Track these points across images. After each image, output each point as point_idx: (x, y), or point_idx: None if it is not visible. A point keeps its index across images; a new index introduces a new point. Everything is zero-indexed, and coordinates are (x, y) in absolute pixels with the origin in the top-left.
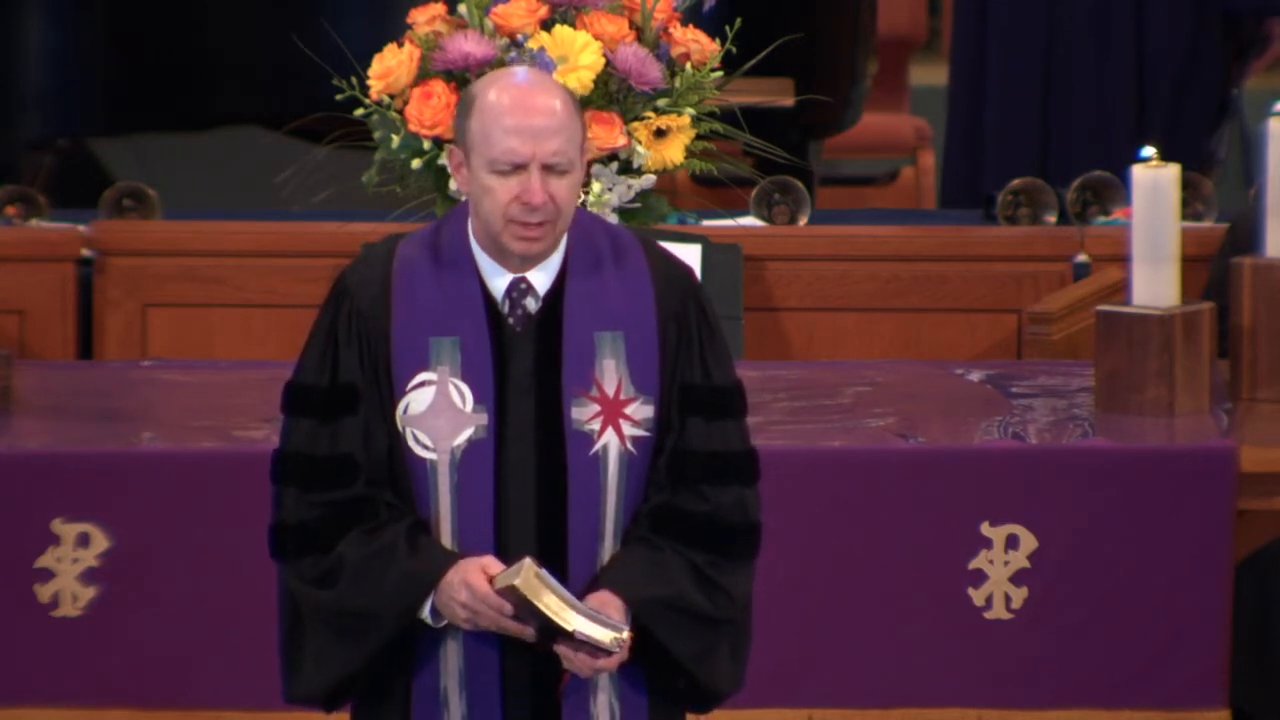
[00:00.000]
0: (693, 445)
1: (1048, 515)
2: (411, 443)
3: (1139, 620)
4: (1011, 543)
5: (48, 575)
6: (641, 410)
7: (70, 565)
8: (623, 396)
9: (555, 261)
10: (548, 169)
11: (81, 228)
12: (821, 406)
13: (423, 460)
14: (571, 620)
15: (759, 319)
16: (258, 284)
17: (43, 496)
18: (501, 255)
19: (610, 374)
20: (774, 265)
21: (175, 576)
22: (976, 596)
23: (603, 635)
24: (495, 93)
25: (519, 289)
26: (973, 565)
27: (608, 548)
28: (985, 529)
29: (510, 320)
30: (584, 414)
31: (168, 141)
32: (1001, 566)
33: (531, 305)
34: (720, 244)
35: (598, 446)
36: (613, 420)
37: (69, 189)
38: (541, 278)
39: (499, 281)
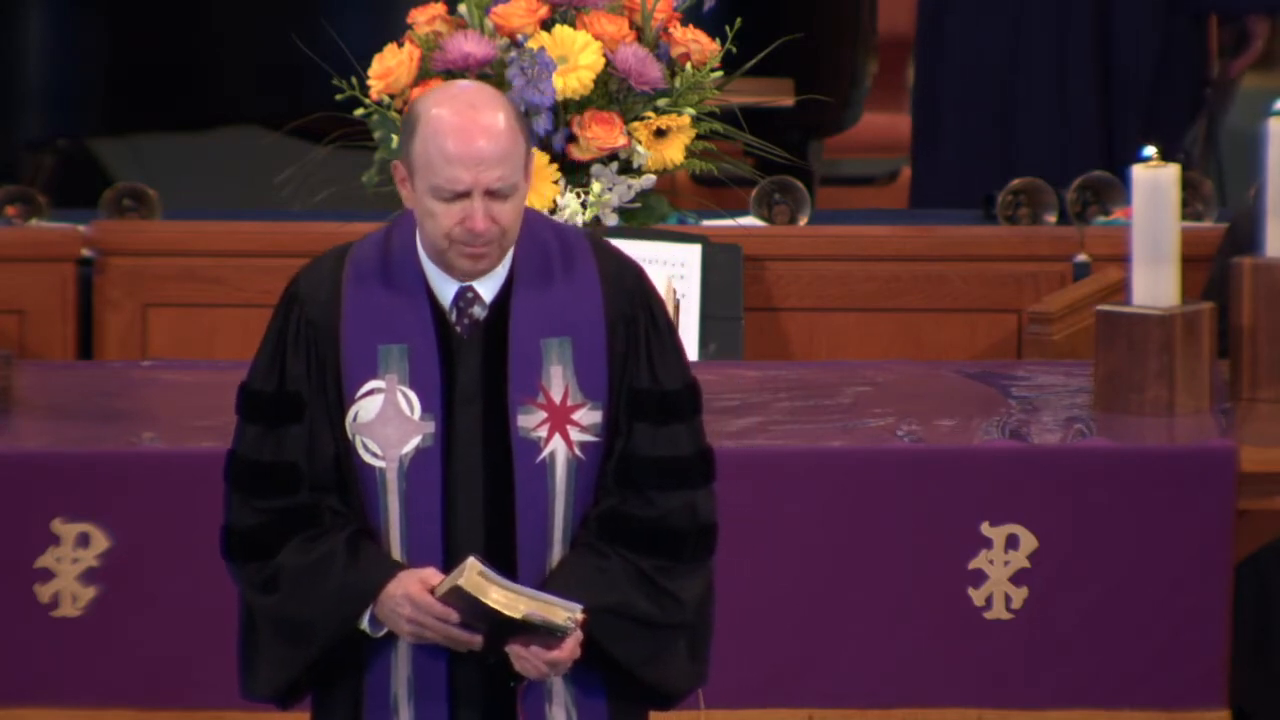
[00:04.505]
0: (640, 451)
1: (1048, 515)
2: (361, 450)
3: (1139, 620)
4: (1011, 543)
5: (48, 575)
6: (589, 416)
7: (70, 565)
8: (570, 403)
9: (502, 269)
10: (491, 194)
11: (81, 228)
12: (821, 406)
13: (372, 468)
14: (521, 607)
15: (759, 319)
16: (258, 284)
17: (43, 496)
18: (448, 266)
19: (557, 381)
20: (774, 265)
21: (175, 576)
22: (976, 596)
23: (554, 615)
24: (437, 115)
25: (465, 298)
26: (973, 565)
27: (556, 553)
28: (985, 529)
29: (458, 329)
30: (530, 421)
31: (168, 141)
32: (1001, 566)
33: (479, 313)
34: (720, 244)
35: (545, 454)
36: (560, 427)
37: (69, 189)
38: (488, 285)
39: (446, 289)
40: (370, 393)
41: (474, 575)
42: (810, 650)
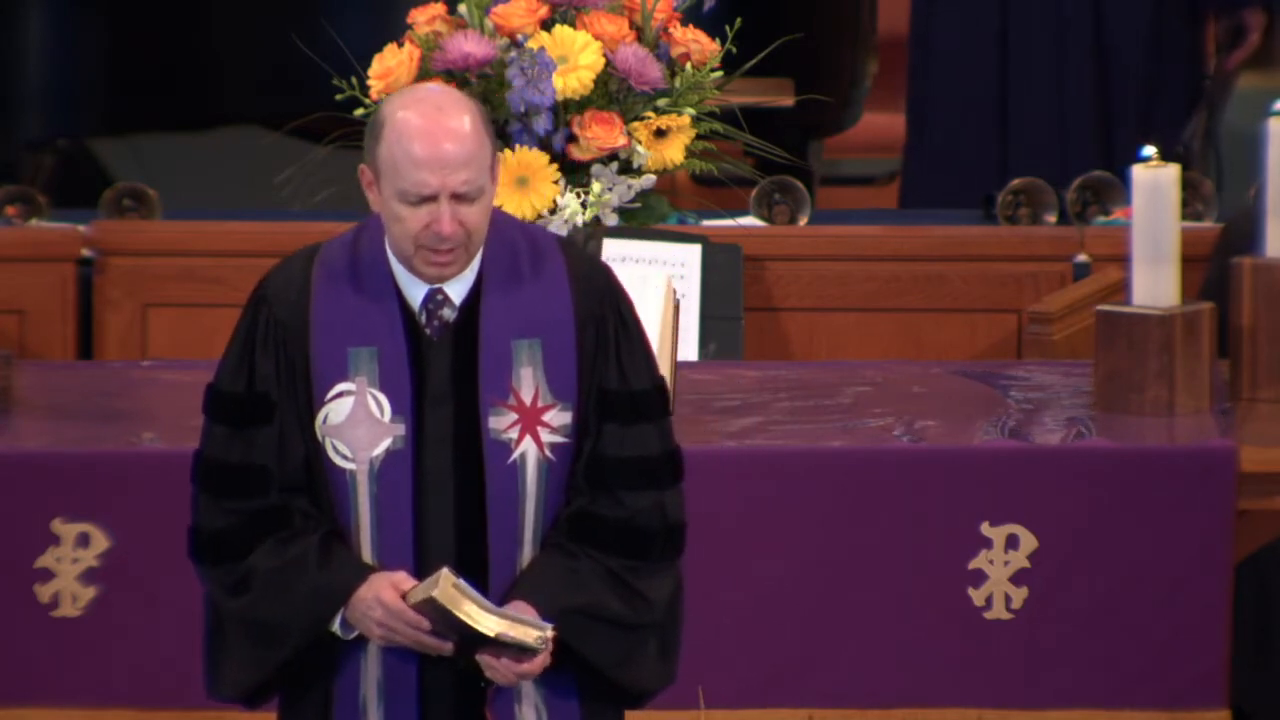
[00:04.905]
0: (609, 451)
1: (1048, 515)
2: (331, 453)
3: (1139, 620)
4: (1011, 543)
5: (48, 575)
6: (559, 417)
7: (70, 565)
8: (540, 404)
9: (471, 271)
10: (457, 198)
11: (81, 228)
12: (821, 406)
13: (342, 470)
14: (493, 625)
15: (759, 319)
16: None
17: (43, 496)
18: (416, 269)
19: (527, 382)
20: (774, 265)
21: (175, 576)
22: (976, 596)
23: (525, 635)
24: (403, 118)
25: (435, 300)
26: (973, 565)
27: (527, 555)
28: (985, 529)
29: (427, 330)
30: (501, 423)
31: (168, 141)
32: (1001, 566)
33: (448, 315)
34: (720, 244)
35: (515, 455)
36: (530, 428)
37: (69, 189)
38: (458, 288)
39: (416, 292)
40: (340, 395)
41: (448, 588)
42: (810, 650)
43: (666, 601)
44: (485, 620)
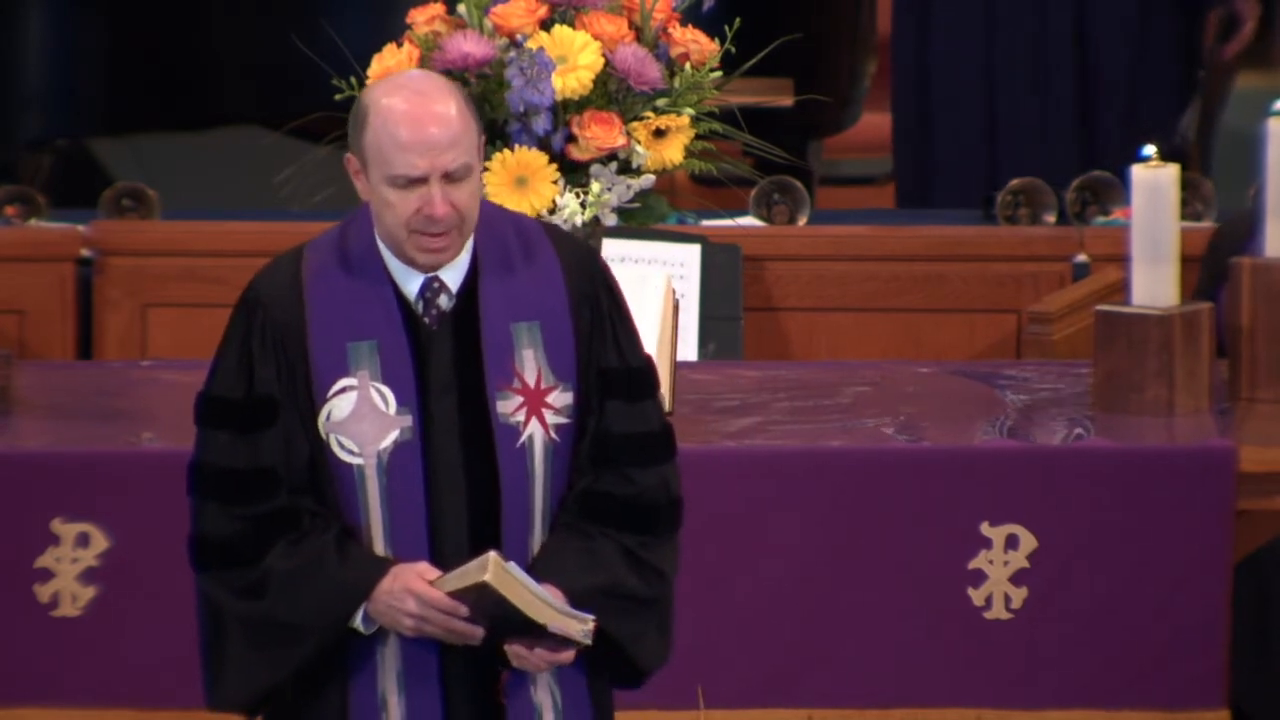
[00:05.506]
0: (615, 429)
1: (1048, 515)
2: (337, 449)
3: (1139, 620)
4: (1011, 543)
5: (48, 575)
6: (561, 398)
7: (70, 565)
8: (543, 385)
9: (465, 258)
10: (447, 177)
11: (81, 228)
12: (821, 406)
13: (349, 466)
14: (545, 615)
15: (759, 319)
16: None
17: (43, 496)
18: (409, 259)
19: (530, 364)
20: (774, 265)
21: (175, 576)
22: (976, 596)
23: (569, 626)
24: (388, 104)
25: (432, 288)
26: (973, 565)
27: (538, 537)
28: (985, 529)
29: (425, 320)
30: (509, 406)
31: (168, 141)
32: (1001, 566)
33: (445, 303)
34: (720, 244)
35: (524, 437)
36: (536, 410)
37: (69, 189)
38: (453, 275)
39: (411, 282)
40: (342, 390)
41: (499, 572)
42: (810, 650)
43: (674, 576)
44: (539, 610)
